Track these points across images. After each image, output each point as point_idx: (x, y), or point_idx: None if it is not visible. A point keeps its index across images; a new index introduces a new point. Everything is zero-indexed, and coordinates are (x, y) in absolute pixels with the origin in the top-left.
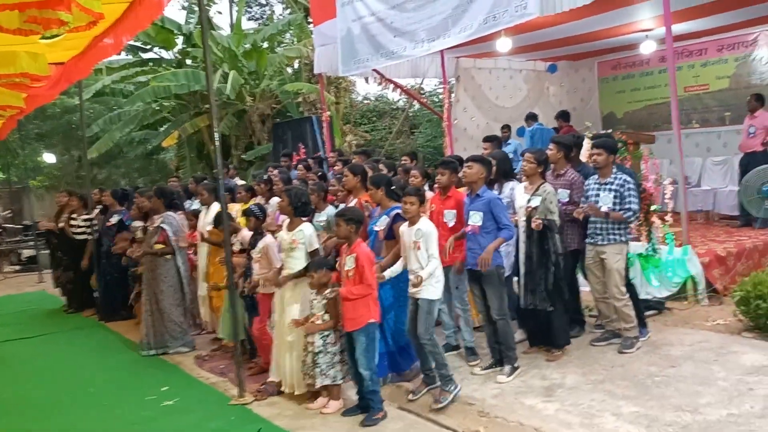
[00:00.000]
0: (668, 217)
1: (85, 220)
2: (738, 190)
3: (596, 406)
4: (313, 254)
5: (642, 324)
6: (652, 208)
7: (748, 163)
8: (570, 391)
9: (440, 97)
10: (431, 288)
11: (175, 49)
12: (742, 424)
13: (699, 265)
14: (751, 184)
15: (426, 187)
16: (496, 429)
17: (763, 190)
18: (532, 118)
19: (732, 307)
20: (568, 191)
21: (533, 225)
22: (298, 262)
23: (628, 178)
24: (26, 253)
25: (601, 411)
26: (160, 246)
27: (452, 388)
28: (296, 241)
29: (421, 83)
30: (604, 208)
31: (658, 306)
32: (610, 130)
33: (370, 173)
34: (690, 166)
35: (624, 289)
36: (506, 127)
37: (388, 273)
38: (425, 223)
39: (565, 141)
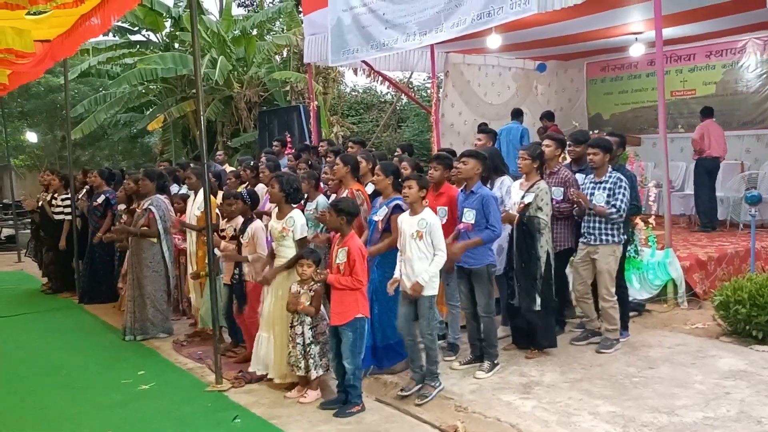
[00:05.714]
0: (651, 220)
1: (64, 199)
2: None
3: (573, 405)
4: (300, 243)
5: (624, 327)
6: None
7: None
8: (548, 388)
9: (428, 91)
10: (432, 284)
11: (164, 32)
12: (717, 427)
13: (680, 268)
14: (734, 191)
15: None
16: (474, 424)
17: (747, 197)
18: (515, 114)
19: (711, 311)
20: (562, 189)
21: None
22: (290, 250)
23: (622, 176)
24: (5, 232)
25: (578, 410)
26: (144, 228)
27: (437, 384)
28: (287, 229)
29: (410, 77)
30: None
31: (639, 308)
32: (596, 131)
33: (362, 164)
34: (674, 170)
35: (613, 290)
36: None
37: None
38: (430, 214)
39: (558, 137)
